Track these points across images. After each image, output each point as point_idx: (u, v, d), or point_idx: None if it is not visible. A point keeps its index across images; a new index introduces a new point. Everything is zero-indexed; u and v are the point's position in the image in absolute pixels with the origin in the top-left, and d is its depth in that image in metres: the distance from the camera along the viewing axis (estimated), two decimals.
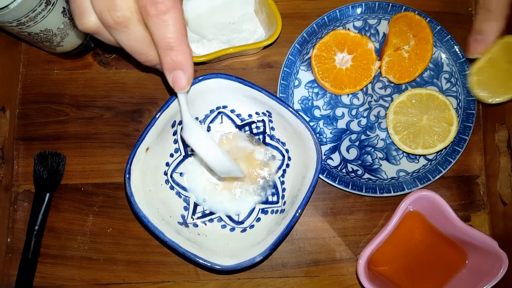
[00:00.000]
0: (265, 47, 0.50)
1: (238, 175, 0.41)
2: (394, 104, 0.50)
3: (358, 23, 0.53)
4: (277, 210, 0.47)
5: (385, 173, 0.51)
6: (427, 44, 0.50)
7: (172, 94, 0.41)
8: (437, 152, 0.50)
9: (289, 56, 0.51)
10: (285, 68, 0.51)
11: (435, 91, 0.50)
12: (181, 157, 0.48)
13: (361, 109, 0.52)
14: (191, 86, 0.35)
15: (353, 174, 0.50)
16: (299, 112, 0.45)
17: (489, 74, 0.47)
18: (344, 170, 0.50)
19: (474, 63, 0.47)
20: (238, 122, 0.49)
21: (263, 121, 0.48)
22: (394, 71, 0.51)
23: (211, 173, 0.48)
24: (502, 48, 0.46)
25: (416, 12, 0.50)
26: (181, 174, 0.48)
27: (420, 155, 0.51)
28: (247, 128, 0.49)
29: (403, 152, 0.51)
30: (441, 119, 0.49)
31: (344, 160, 0.51)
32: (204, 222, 0.47)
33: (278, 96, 0.51)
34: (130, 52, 0.34)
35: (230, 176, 0.44)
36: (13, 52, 0.53)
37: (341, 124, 0.52)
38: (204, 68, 0.54)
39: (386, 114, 0.50)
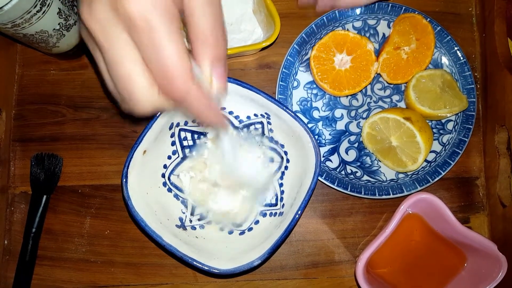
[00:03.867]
0: (264, 48, 0.49)
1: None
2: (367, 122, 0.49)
3: (358, 24, 0.52)
4: (276, 213, 0.47)
5: (384, 175, 0.50)
6: (428, 50, 0.49)
7: None
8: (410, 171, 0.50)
9: (288, 57, 0.51)
10: (283, 69, 0.51)
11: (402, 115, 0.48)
12: (179, 159, 0.48)
13: (360, 110, 0.52)
14: None
15: (352, 176, 0.50)
16: (298, 114, 0.45)
17: (424, 86, 0.49)
18: (343, 172, 0.50)
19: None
20: (237, 124, 0.48)
21: (261, 123, 0.48)
22: (389, 69, 0.50)
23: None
24: (436, 75, 0.49)
25: (423, 15, 0.50)
26: (179, 176, 0.48)
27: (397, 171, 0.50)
28: (245, 130, 0.48)
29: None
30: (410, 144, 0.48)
31: (343, 162, 0.51)
32: (202, 225, 0.47)
33: (276, 97, 0.50)
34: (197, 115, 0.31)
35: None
36: (9, 52, 0.52)
37: (340, 125, 0.52)
38: None
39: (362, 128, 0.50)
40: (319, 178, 0.49)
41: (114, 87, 0.30)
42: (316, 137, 0.51)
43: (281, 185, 0.48)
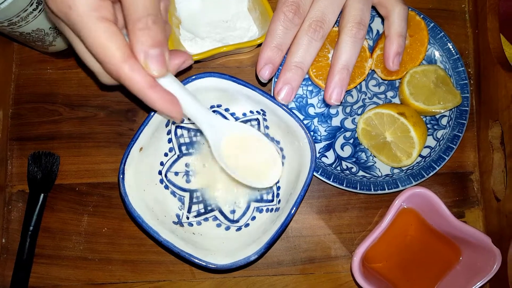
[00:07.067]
0: (259, 45, 0.49)
1: None
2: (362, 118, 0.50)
3: None
4: (272, 209, 0.47)
5: (379, 170, 0.51)
6: (422, 46, 0.50)
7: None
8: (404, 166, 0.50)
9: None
10: (279, 66, 0.51)
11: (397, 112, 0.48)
12: (176, 156, 0.48)
13: (355, 106, 0.52)
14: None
15: (347, 171, 0.50)
16: (293, 111, 0.45)
17: (418, 82, 0.49)
18: (338, 168, 0.51)
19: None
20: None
21: (257, 119, 0.48)
22: (383, 65, 0.51)
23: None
24: (430, 71, 0.49)
25: (416, 12, 0.50)
26: (175, 173, 0.48)
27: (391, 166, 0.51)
28: None
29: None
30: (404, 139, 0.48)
31: (338, 158, 0.51)
32: (199, 222, 0.47)
33: (272, 94, 0.51)
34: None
35: None
36: (5, 51, 0.52)
37: (336, 121, 0.52)
38: (198, 67, 0.53)
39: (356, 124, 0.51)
40: (315, 174, 0.49)
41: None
42: (312, 133, 0.51)
43: (277, 181, 0.48)
